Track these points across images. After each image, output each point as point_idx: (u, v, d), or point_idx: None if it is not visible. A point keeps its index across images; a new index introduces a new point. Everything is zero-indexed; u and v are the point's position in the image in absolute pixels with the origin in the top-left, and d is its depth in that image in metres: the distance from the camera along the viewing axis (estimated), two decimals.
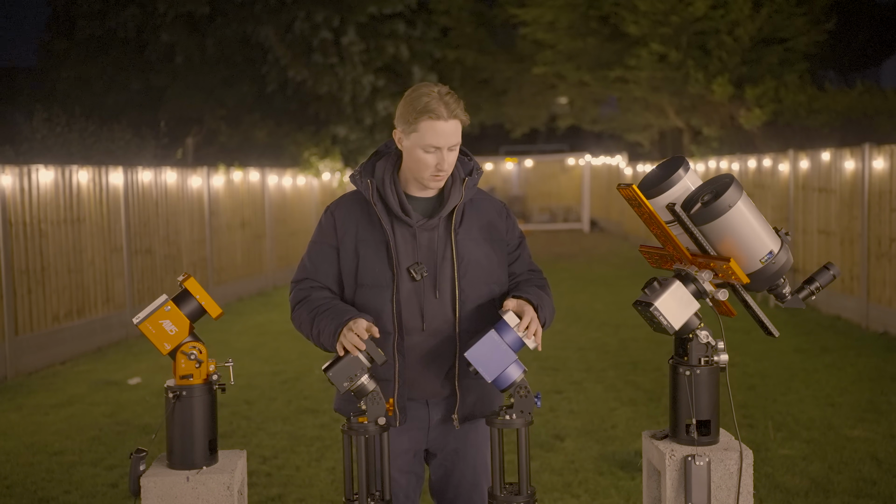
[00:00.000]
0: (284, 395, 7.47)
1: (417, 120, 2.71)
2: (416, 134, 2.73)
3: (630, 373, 7.98)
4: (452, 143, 2.75)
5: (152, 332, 2.68)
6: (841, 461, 5.48)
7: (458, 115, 2.74)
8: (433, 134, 2.71)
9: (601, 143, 31.52)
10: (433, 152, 2.74)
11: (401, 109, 2.78)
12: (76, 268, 9.63)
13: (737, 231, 2.56)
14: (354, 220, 2.86)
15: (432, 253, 2.82)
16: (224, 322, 10.60)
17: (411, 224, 2.81)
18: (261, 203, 14.85)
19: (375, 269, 2.81)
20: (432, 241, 2.83)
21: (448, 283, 2.82)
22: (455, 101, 2.74)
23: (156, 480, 2.63)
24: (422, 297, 2.80)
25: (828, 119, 15.56)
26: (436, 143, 2.72)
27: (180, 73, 19.78)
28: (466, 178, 2.88)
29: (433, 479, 3.04)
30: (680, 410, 2.71)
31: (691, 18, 17.52)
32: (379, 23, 19.44)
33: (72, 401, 7.45)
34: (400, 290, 2.79)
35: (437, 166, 2.75)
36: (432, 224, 2.82)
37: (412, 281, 2.80)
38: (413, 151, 2.76)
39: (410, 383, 2.83)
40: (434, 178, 2.78)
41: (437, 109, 2.70)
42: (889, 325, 9.42)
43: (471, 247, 2.85)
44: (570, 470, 5.43)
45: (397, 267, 2.79)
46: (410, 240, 2.81)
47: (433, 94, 2.72)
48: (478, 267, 2.85)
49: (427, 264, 2.80)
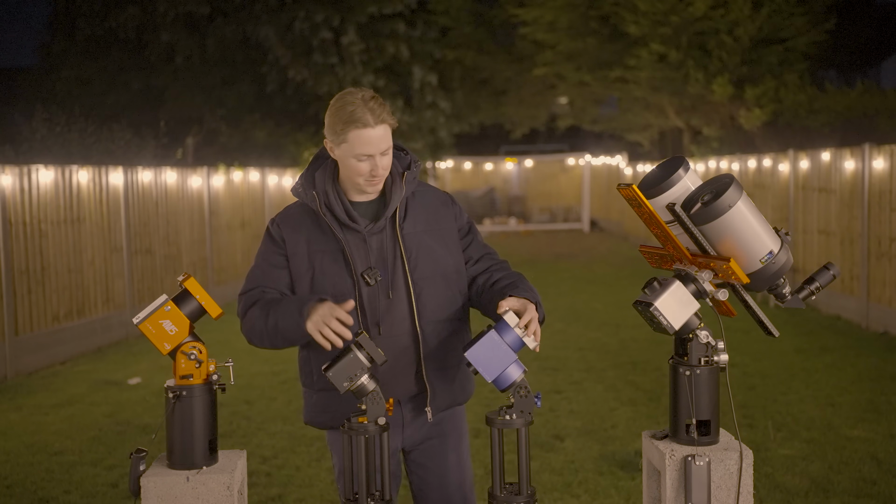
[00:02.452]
0: (284, 395, 7.47)
1: (345, 131, 2.70)
2: (346, 144, 2.72)
3: (630, 373, 7.98)
4: (383, 149, 2.73)
5: (152, 332, 2.67)
6: (841, 461, 5.48)
7: (385, 120, 2.71)
8: (362, 143, 2.69)
9: (601, 143, 31.53)
10: (366, 160, 2.72)
11: (328, 120, 2.76)
12: (76, 268, 9.63)
13: (737, 231, 2.56)
14: (305, 232, 2.84)
15: (384, 255, 2.81)
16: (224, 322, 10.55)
17: (360, 230, 2.80)
18: (261, 203, 14.85)
19: (334, 277, 2.79)
20: (382, 242, 2.82)
21: (402, 281, 2.81)
22: (380, 105, 2.71)
23: (156, 480, 2.63)
24: (375, 301, 2.79)
25: (828, 119, 15.56)
26: (366, 152, 2.71)
27: (180, 73, 19.78)
28: (406, 173, 2.87)
29: (414, 483, 3.01)
30: (680, 410, 2.71)
31: (691, 18, 17.52)
32: (379, 23, 19.43)
33: (72, 401, 7.45)
34: (362, 295, 2.78)
35: (372, 172, 2.74)
36: (380, 227, 2.81)
37: (368, 286, 2.79)
38: (345, 160, 2.75)
39: (382, 385, 2.79)
40: (370, 183, 2.78)
41: (363, 118, 2.67)
42: (889, 325, 9.42)
43: (418, 242, 2.84)
44: (570, 470, 5.43)
45: (355, 273, 2.78)
46: (361, 245, 2.80)
47: (357, 101, 2.69)
48: (428, 258, 2.84)
49: (380, 267, 2.80)
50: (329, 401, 2.85)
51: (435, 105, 20.62)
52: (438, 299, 2.84)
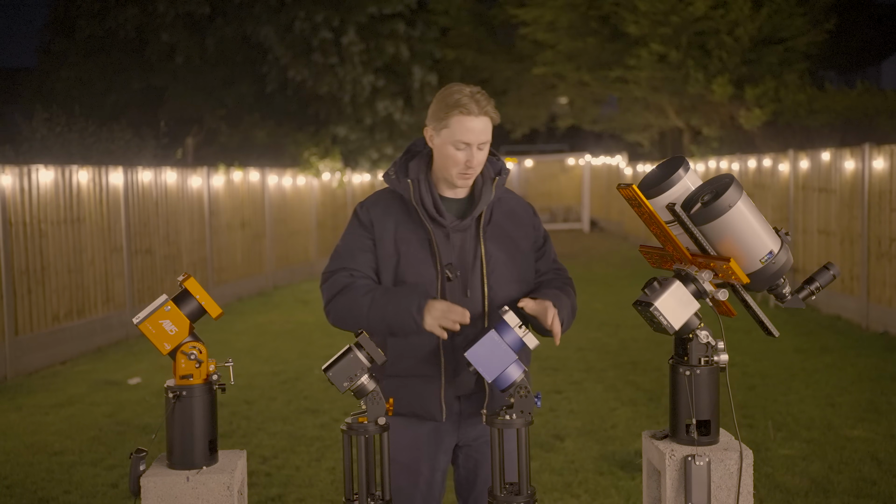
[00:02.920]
0: (284, 395, 7.47)
1: (448, 116, 2.76)
2: (447, 130, 2.77)
3: (630, 373, 7.98)
4: (482, 141, 2.78)
5: (152, 332, 2.67)
6: (841, 461, 5.48)
7: (489, 113, 2.78)
8: (463, 129, 2.75)
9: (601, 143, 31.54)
10: (463, 149, 2.78)
11: (432, 108, 2.83)
12: (76, 268, 9.63)
13: (737, 231, 2.56)
14: (393, 218, 2.88)
15: (464, 254, 2.85)
16: (224, 322, 10.60)
17: (445, 225, 2.84)
18: (261, 203, 14.85)
19: (419, 266, 2.83)
20: (464, 241, 2.86)
21: (478, 282, 2.85)
22: (486, 99, 2.79)
23: (156, 480, 2.63)
24: (456, 297, 2.83)
25: (828, 119, 15.56)
26: (465, 139, 2.76)
27: (180, 73, 19.77)
28: (496, 178, 2.92)
29: (460, 474, 3.04)
30: (680, 410, 2.71)
31: (691, 18, 17.52)
32: (379, 23, 19.44)
33: (72, 401, 7.45)
34: (444, 289, 2.82)
35: (467, 163, 2.78)
36: (465, 225, 2.85)
37: (448, 281, 2.83)
38: (443, 148, 2.80)
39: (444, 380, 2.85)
40: (462, 176, 2.81)
41: (467, 105, 2.74)
42: (889, 325, 9.42)
43: (499, 245, 2.89)
44: (570, 470, 5.43)
45: (440, 265, 2.83)
46: (444, 240, 2.85)
47: (465, 91, 2.77)
48: (505, 265, 2.89)
49: (458, 265, 2.84)
50: (398, 387, 2.88)
51: None
52: (510, 305, 2.86)
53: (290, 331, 10.66)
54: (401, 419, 2.91)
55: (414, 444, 2.91)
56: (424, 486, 2.93)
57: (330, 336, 10.15)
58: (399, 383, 2.88)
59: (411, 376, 2.86)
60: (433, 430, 2.91)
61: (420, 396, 2.85)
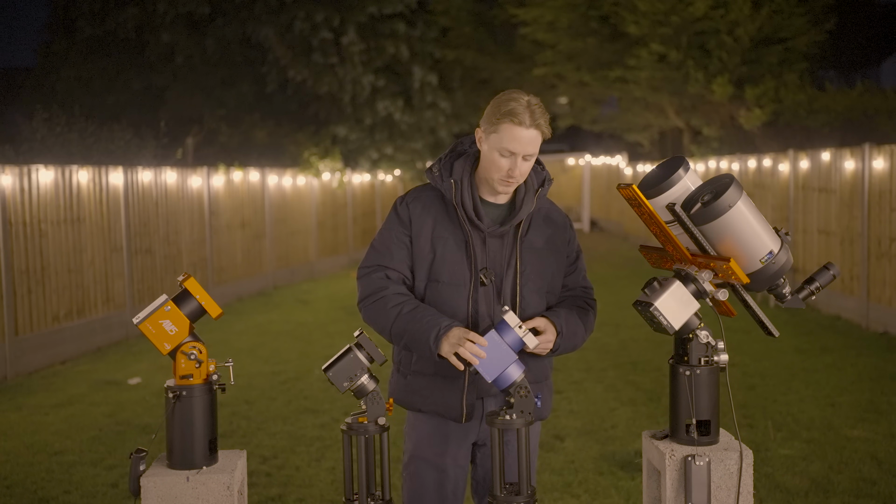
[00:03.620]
0: (284, 395, 7.47)
1: (499, 122, 2.74)
2: (496, 135, 2.76)
3: (630, 373, 7.98)
4: (528, 152, 2.77)
5: (152, 332, 2.68)
6: (841, 461, 5.48)
7: (540, 126, 2.76)
8: (511, 138, 2.73)
9: (601, 143, 31.53)
10: (508, 157, 2.76)
11: (487, 110, 2.82)
12: (76, 268, 9.63)
13: (737, 231, 2.56)
14: (432, 216, 2.88)
15: (500, 259, 2.86)
16: (224, 322, 10.60)
17: (483, 229, 2.84)
18: (261, 203, 14.85)
19: (454, 266, 2.84)
20: (500, 247, 2.86)
21: (510, 289, 2.85)
22: (541, 111, 2.76)
23: (156, 480, 2.63)
24: (490, 301, 2.84)
25: (828, 119, 15.56)
26: (512, 149, 2.74)
27: (180, 73, 19.77)
28: (539, 189, 2.92)
29: (478, 473, 3.05)
30: (680, 410, 2.71)
31: (691, 18, 17.51)
32: (379, 23, 19.44)
33: (72, 401, 7.45)
34: (477, 290, 2.83)
35: (509, 171, 2.77)
36: (502, 231, 2.85)
37: (481, 286, 2.84)
38: (490, 153, 2.79)
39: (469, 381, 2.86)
40: (503, 183, 2.81)
41: (520, 115, 2.72)
42: (889, 325, 9.42)
43: (535, 257, 2.90)
44: (570, 470, 5.43)
45: (474, 268, 2.83)
46: (480, 244, 2.85)
47: (521, 100, 2.75)
48: (539, 277, 2.90)
49: (493, 270, 2.85)
50: (422, 386, 2.89)
51: (435, 105, 20.61)
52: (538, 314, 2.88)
53: (290, 331, 10.66)
54: (423, 416, 2.93)
55: (437, 441, 2.92)
56: (446, 483, 2.93)
57: (330, 336, 10.16)
58: (425, 381, 2.89)
59: (436, 375, 2.87)
60: (455, 428, 2.92)
61: (443, 396, 2.86)
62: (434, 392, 2.87)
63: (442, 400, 2.86)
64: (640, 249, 2.94)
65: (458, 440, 2.93)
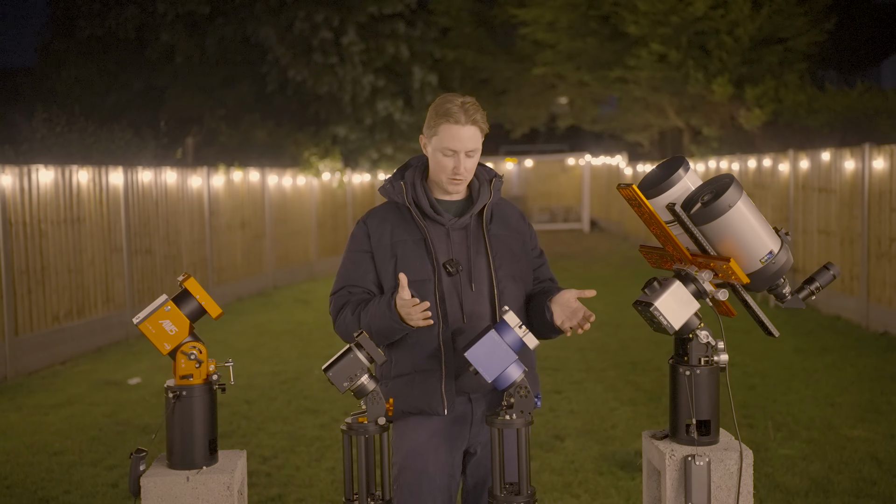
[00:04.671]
0: (284, 395, 7.47)
1: (438, 124, 2.88)
2: (437, 137, 2.88)
3: (630, 373, 7.98)
4: (469, 148, 2.88)
5: (152, 332, 2.68)
6: (841, 461, 5.48)
7: (477, 122, 2.88)
8: (450, 137, 2.85)
9: (601, 143, 31.52)
10: (451, 156, 2.88)
11: (427, 116, 2.95)
12: (76, 268, 9.63)
13: (737, 231, 2.56)
14: (389, 225, 2.97)
15: (465, 249, 2.92)
16: (224, 322, 10.60)
17: (444, 223, 2.93)
18: (261, 203, 14.85)
19: (416, 264, 2.89)
20: (465, 238, 2.94)
21: (484, 275, 2.92)
22: (475, 108, 2.88)
23: (156, 480, 2.63)
24: (460, 290, 2.89)
25: (828, 119, 15.55)
26: (452, 147, 2.86)
27: (180, 73, 19.76)
28: (493, 180, 3.01)
29: (469, 482, 3.02)
30: (680, 410, 2.71)
31: (691, 18, 17.52)
32: (379, 23, 19.43)
33: (72, 401, 7.45)
34: (442, 283, 2.88)
35: (454, 169, 2.88)
36: (463, 222, 2.94)
37: (449, 276, 2.89)
38: (434, 155, 2.91)
39: (456, 376, 2.88)
40: (452, 182, 2.91)
41: (456, 114, 2.85)
42: (889, 325, 9.42)
43: (502, 243, 2.98)
44: (570, 470, 5.43)
45: (436, 262, 2.88)
46: (444, 238, 2.92)
47: (455, 101, 2.88)
48: (511, 261, 2.97)
49: (461, 261, 2.91)
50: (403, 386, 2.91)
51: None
52: (518, 301, 2.96)
53: (290, 331, 10.66)
54: (410, 419, 2.93)
55: (426, 449, 2.91)
56: (437, 493, 2.91)
57: (330, 336, 10.15)
58: (404, 382, 2.91)
59: (414, 372, 2.89)
60: (443, 429, 2.91)
61: (422, 390, 2.87)
62: (414, 388, 2.89)
63: (423, 395, 2.87)
64: (640, 249, 2.94)
65: (449, 448, 2.91)
